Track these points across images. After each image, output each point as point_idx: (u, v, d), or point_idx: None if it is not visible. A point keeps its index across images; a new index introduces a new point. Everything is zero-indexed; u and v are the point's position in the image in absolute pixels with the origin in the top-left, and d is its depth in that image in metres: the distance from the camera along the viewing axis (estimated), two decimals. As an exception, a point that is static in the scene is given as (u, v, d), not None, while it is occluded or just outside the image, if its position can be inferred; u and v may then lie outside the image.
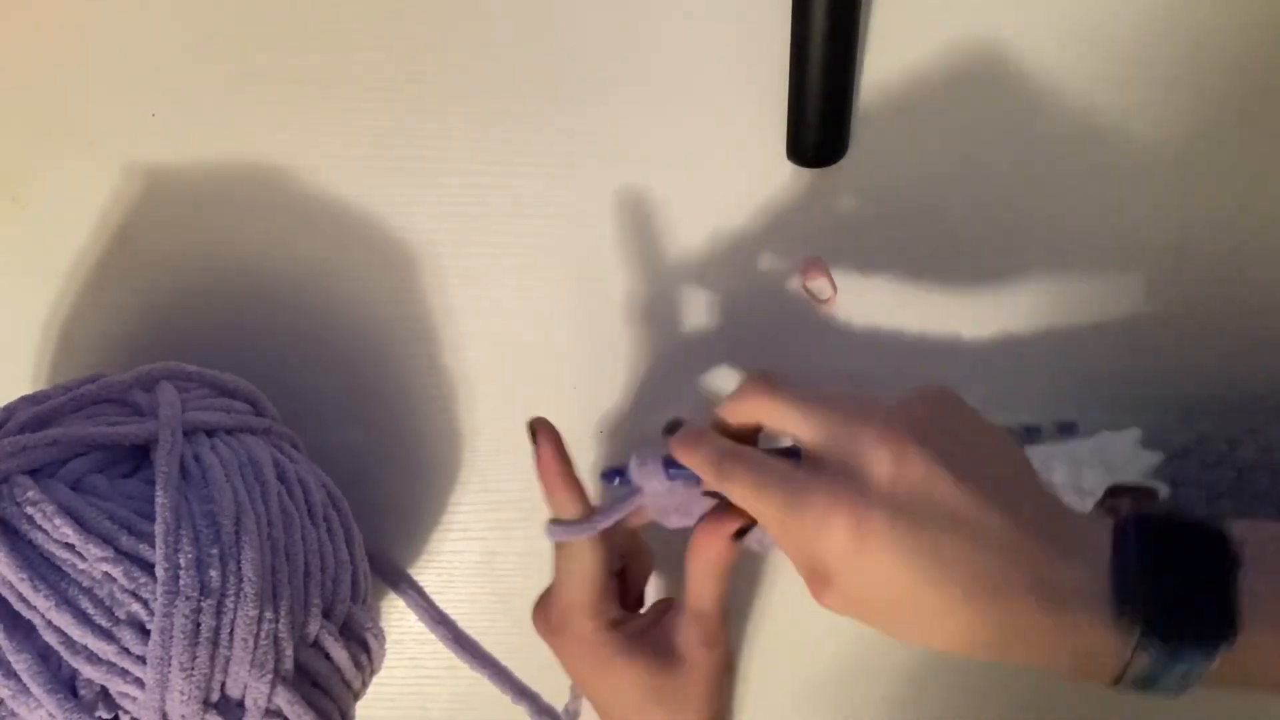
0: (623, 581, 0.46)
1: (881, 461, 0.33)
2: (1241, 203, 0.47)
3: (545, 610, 0.44)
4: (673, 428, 0.41)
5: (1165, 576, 0.32)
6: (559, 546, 0.43)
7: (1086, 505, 0.41)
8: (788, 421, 0.37)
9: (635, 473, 0.42)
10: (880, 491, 0.33)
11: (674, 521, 0.43)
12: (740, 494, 0.37)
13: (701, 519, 0.41)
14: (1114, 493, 0.40)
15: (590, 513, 0.42)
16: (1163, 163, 0.47)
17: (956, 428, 0.35)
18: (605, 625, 0.42)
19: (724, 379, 0.49)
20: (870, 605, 0.34)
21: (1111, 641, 0.32)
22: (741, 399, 0.39)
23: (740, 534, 0.40)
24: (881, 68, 0.47)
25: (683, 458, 0.39)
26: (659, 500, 0.42)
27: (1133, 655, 0.31)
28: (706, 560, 0.41)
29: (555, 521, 0.42)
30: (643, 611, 0.45)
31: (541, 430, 0.43)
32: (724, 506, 0.40)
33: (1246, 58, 0.47)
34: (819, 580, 0.35)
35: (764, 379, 0.38)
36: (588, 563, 0.42)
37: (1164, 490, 0.41)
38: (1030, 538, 0.32)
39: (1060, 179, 0.48)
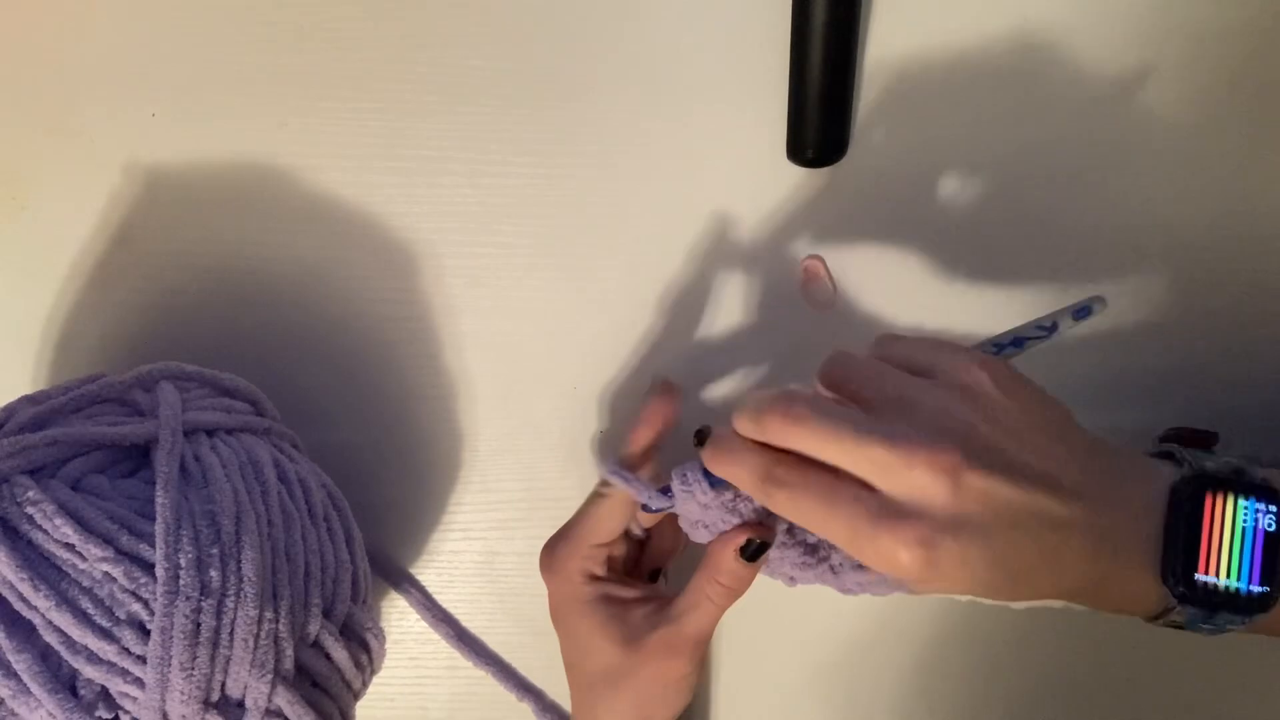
0: (641, 551, 0.46)
1: (941, 493, 0.33)
2: (1245, 199, 0.47)
3: (552, 544, 0.44)
4: (703, 437, 0.39)
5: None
6: (598, 489, 0.44)
7: None
8: (826, 454, 0.34)
9: (678, 491, 0.40)
10: (944, 519, 0.33)
11: (701, 536, 0.41)
12: (799, 516, 0.35)
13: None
14: (1173, 431, 0.39)
15: (653, 485, 0.41)
16: (1165, 161, 0.47)
17: (1006, 422, 0.34)
18: (595, 579, 0.43)
19: (724, 379, 0.49)
20: (949, 591, 0.35)
21: (1154, 593, 0.34)
22: (766, 423, 0.35)
23: (756, 554, 0.39)
24: (881, 68, 0.47)
25: (722, 470, 0.37)
26: (692, 514, 0.41)
27: (1172, 609, 0.34)
28: (710, 573, 0.40)
29: (618, 467, 0.42)
30: (642, 587, 0.45)
31: (666, 389, 0.45)
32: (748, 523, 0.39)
33: (1246, 57, 0.47)
34: (898, 585, 0.35)
35: (788, 407, 0.35)
36: (608, 512, 0.43)
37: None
38: (1085, 507, 0.34)
39: (1060, 178, 0.48)
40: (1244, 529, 0.34)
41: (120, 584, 0.36)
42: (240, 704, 0.38)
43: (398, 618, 0.51)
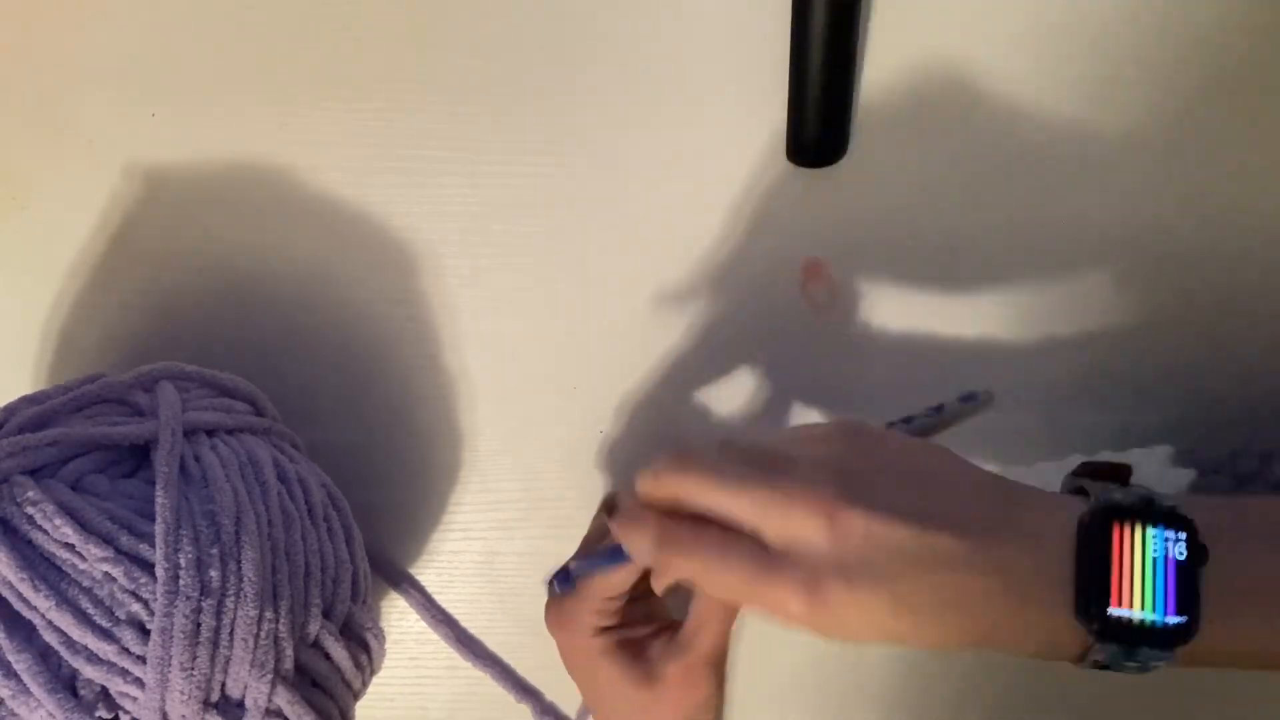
0: (646, 602, 0.45)
1: (818, 532, 0.33)
2: (1243, 204, 0.47)
3: (558, 603, 0.44)
4: (611, 507, 0.40)
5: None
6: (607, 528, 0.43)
7: None
8: (711, 502, 0.35)
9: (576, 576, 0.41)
10: (827, 562, 0.33)
11: None
12: (696, 574, 0.36)
13: None
14: (1087, 467, 0.39)
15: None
16: (1166, 163, 0.47)
17: (881, 461, 0.35)
18: (606, 630, 0.42)
19: (723, 379, 0.49)
20: (857, 638, 0.34)
21: (1071, 632, 0.33)
22: (661, 476, 0.36)
23: None
24: (881, 68, 0.47)
25: (626, 539, 0.38)
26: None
27: (1091, 648, 0.33)
28: (708, 600, 0.40)
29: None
30: (653, 621, 0.44)
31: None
32: None
33: (1246, 58, 0.47)
34: (801, 630, 0.35)
35: (676, 459, 0.36)
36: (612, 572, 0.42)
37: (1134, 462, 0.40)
38: (981, 542, 0.33)
39: (1060, 178, 0.48)
40: (1155, 559, 0.33)
41: (120, 584, 0.36)
42: (240, 704, 0.38)
43: (398, 618, 0.51)
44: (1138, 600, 0.32)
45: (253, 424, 0.43)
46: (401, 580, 0.50)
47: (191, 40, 0.49)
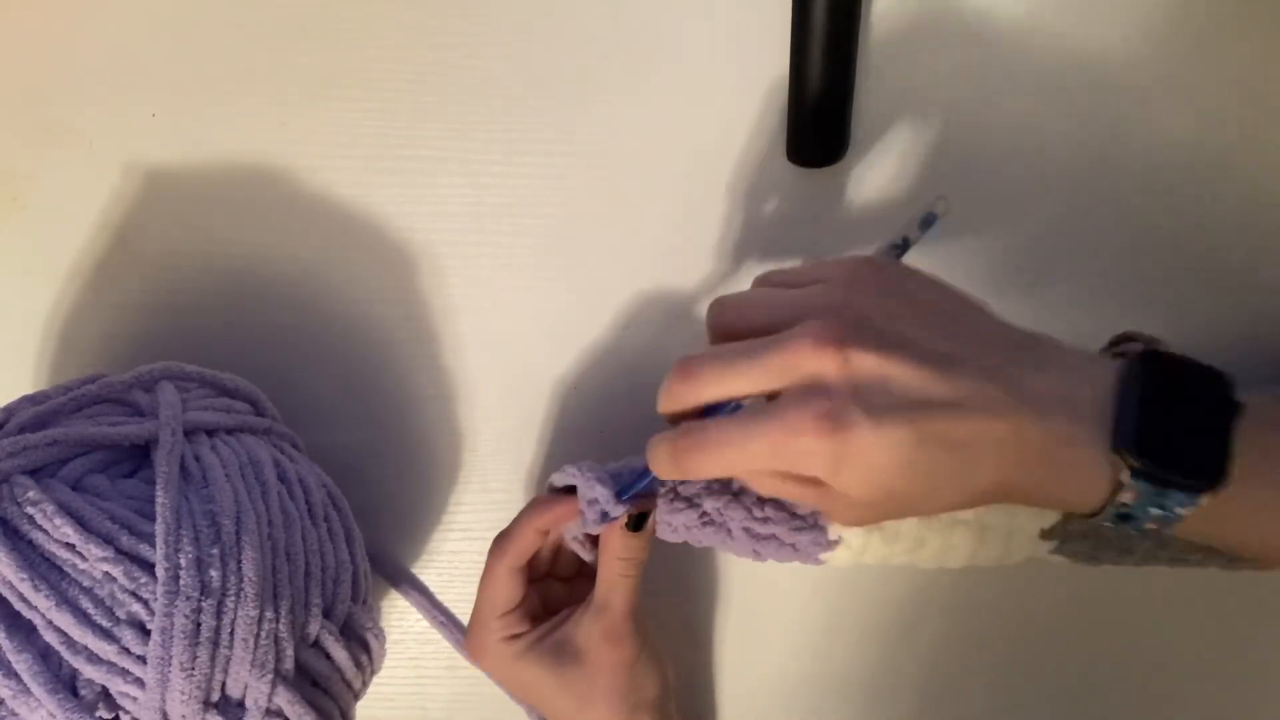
0: (561, 597, 0.46)
1: (831, 367, 0.32)
2: (1242, 201, 0.47)
3: (470, 636, 0.45)
4: (553, 488, 0.43)
5: (1167, 414, 0.32)
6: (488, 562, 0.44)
7: None
8: (730, 386, 0.34)
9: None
10: (843, 391, 0.32)
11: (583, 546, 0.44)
12: (723, 466, 0.35)
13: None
14: (1126, 338, 0.39)
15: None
16: (1167, 160, 0.47)
17: (897, 295, 0.34)
18: (517, 638, 0.44)
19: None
20: (881, 505, 0.33)
21: (1102, 469, 0.32)
22: (672, 391, 0.36)
23: (637, 524, 0.42)
24: (881, 68, 0.47)
25: (649, 462, 0.38)
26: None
27: (1121, 487, 0.32)
28: (610, 552, 0.42)
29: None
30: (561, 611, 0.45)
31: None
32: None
33: (1247, 58, 0.47)
34: (827, 501, 0.34)
35: (682, 366, 0.35)
36: (499, 581, 0.43)
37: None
38: (1011, 384, 0.32)
39: (1060, 179, 0.48)
40: (1194, 398, 0.33)
41: (120, 584, 0.36)
42: (240, 704, 0.38)
43: (398, 618, 0.51)
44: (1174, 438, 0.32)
45: (253, 424, 0.43)
46: (402, 580, 0.50)
47: (191, 40, 0.49)
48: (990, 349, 0.33)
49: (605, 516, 0.42)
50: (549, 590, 0.46)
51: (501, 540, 0.44)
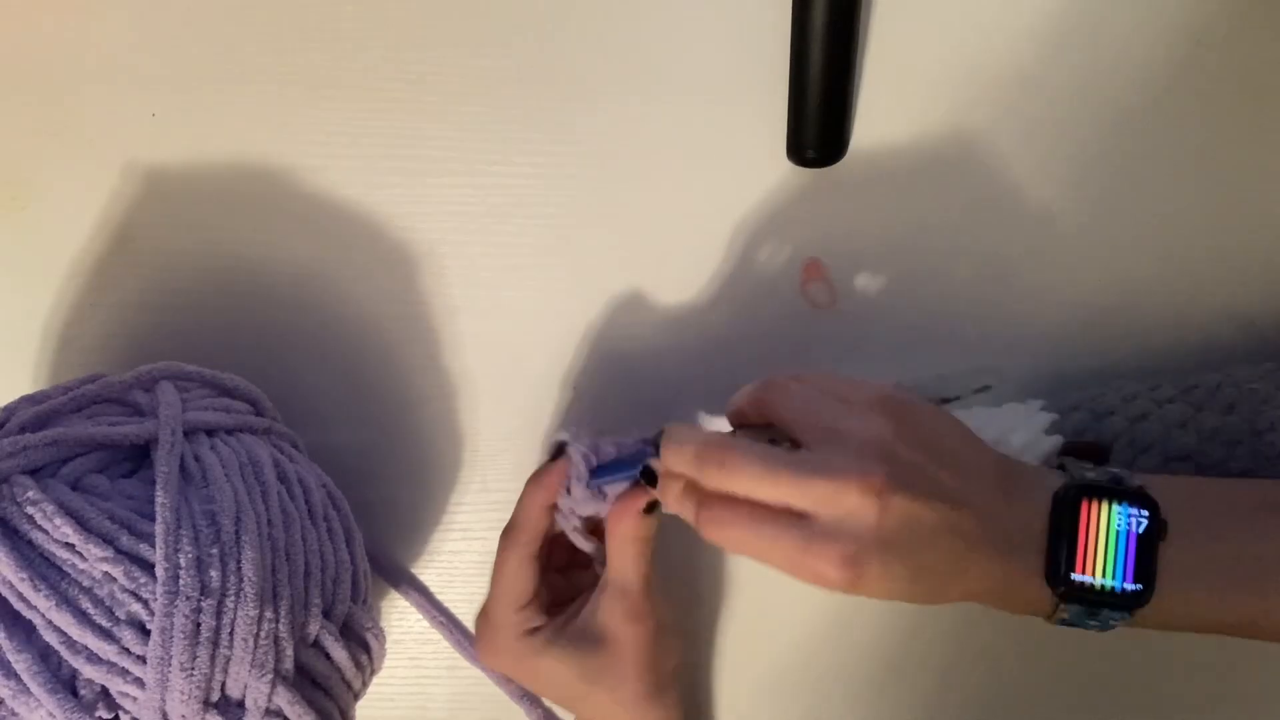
0: (562, 589, 0.46)
1: (870, 513, 0.35)
2: (1248, 202, 0.47)
3: (482, 636, 0.45)
4: (558, 451, 0.43)
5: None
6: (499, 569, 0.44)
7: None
8: (765, 493, 0.37)
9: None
10: (871, 539, 0.35)
11: (573, 523, 0.44)
12: (733, 546, 0.38)
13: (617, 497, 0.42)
14: (1066, 450, 0.42)
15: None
16: (1167, 161, 0.47)
17: (921, 441, 0.37)
18: (526, 633, 0.43)
19: (723, 379, 0.49)
20: (864, 595, 0.37)
21: (1044, 593, 0.37)
22: (704, 472, 0.38)
23: (652, 508, 0.42)
24: (881, 68, 0.47)
25: (664, 499, 0.40)
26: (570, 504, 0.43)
27: (1058, 607, 0.37)
28: (623, 535, 0.42)
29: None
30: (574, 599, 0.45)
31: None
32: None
33: (1247, 58, 0.47)
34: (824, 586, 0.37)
35: (723, 456, 0.38)
36: (515, 573, 0.43)
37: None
38: (989, 520, 0.36)
39: (1060, 179, 0.48)
40: (1118, 531, 0.37)
41: (120, 584, 0.36)
42: (240, 704, 0.38)
43: (398, 618, 0.51)
44: (1100, 568, 0.37)
45: (253, 424, 0.43)
46: (402, 580, 0.50)
47: (191, 40, 0.49)
48: (982, 482, 0.37)
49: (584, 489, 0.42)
50: (550, 583, 0.46)
51: (512, 529, 0.44)
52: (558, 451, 0.43)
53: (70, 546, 0.36)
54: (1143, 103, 0.47)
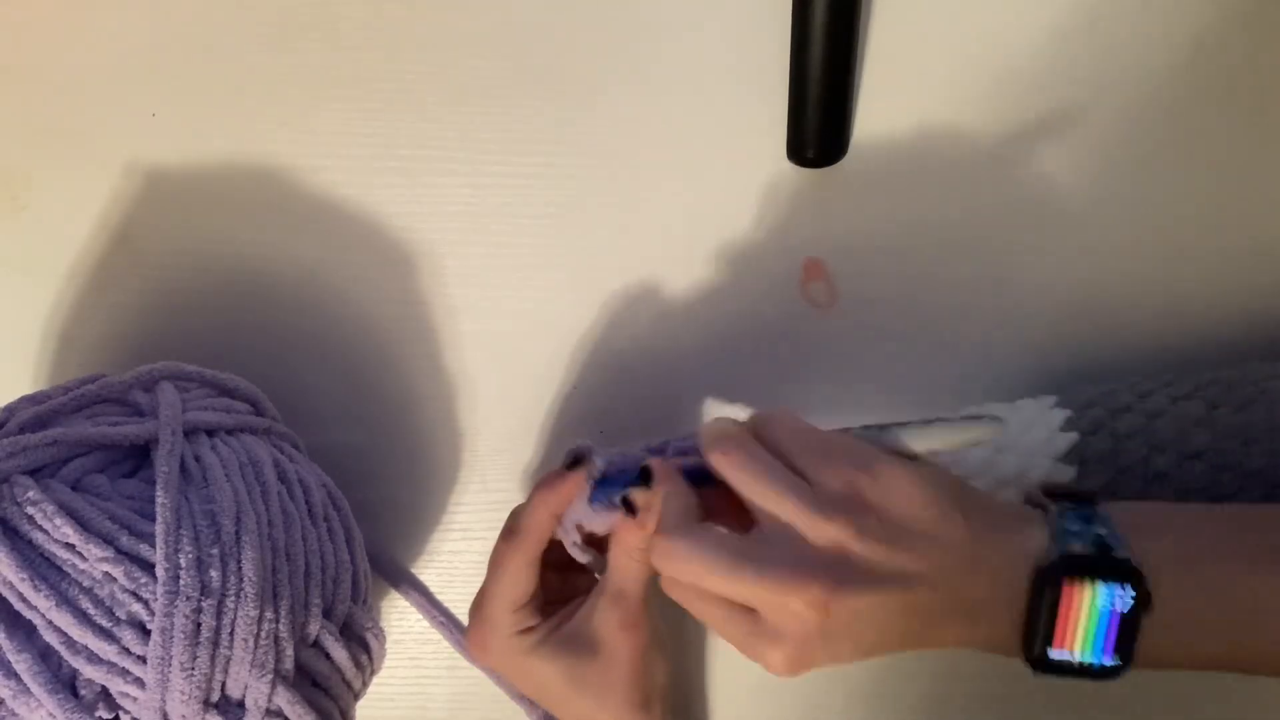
0: (557, 588, 0.46)
1: (811, 620, 0.36)
2: (1246, 202, 0.47)
3: (476, 631, 0.44)
4: (577, 459, 0.43)
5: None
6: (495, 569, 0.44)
7: (1007, 495, 0.43)
8: (713, 584, 0.37)
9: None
10: (815, 638, 0.36)
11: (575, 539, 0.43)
12: (698, 615, 0.39)
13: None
14: (1050, 488, 0.41)
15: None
16: (1168, 161, 0.47)
17: (885, 527, 0.36)
18: (519, 632, 0.43)
19: (723, 379, 0.49)
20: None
21: (1016, 654, 0.37)
22: (659, 557, 0.39)
23: None
24: (881, 67, 0.47)
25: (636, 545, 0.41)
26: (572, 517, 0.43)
27: (1035, 671, 0.37)
28: (631, 545, 0.41)
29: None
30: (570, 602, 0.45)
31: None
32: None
33: (1247, 58, 0.47)
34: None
35: (668, 547, 0.38)
36: (515, 571, 0.43)
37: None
38: (952, 592, 0.36)
39: (1060, 178, 0.48)
40: (1102, 611, 0.36)
41: (120, 584, 0.36)
42: (240, 704, 0.38)
43: (398, 618, 0.51)
44: (1078, 645, 0.36)
45: (253, 424, 0.43)
46: (402, 580, 0.50)
47: (191, 40, 0.49)
48: (949, 557, 0.36)
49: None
50: (546, 581, 0.46)
51: (517, 533, 0.43)
52: (574, 461, 0.43)
53: (70, 547, 0.36)
54: (1146, 101, 0.47)
